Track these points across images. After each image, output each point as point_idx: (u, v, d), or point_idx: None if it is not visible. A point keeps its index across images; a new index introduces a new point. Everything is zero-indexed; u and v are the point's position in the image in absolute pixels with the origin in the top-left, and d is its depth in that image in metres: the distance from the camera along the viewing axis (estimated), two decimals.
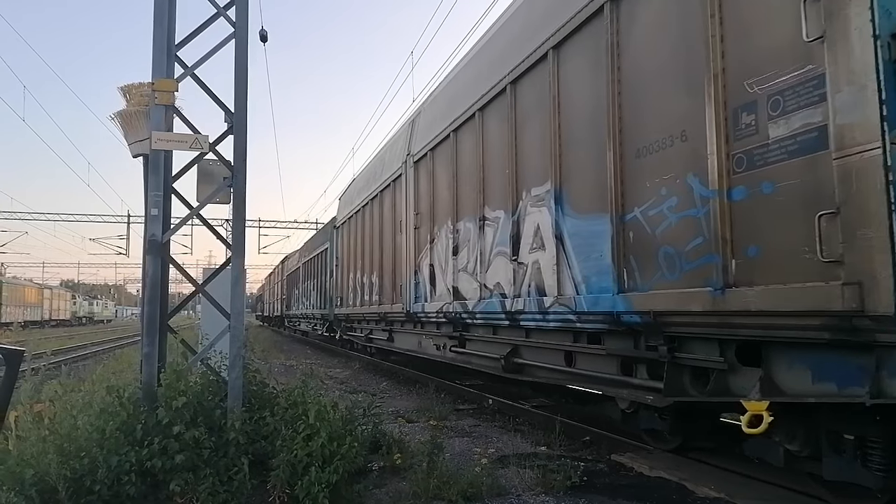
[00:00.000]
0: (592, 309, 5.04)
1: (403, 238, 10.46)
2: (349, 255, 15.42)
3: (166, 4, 4.73)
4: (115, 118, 5.36)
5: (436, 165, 9.07)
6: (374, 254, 12.65)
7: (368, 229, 13.33)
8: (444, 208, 8.60)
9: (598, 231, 5.00)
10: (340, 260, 16.86)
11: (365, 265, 13.55)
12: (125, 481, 3.74)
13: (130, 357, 13.18)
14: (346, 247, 16.01)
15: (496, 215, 6.92)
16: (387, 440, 5.47)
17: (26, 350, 4.34)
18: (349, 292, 15.27)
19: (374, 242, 12.70)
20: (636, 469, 5.04)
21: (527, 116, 6.31)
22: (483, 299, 7.12)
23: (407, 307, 10.13)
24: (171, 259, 4.93)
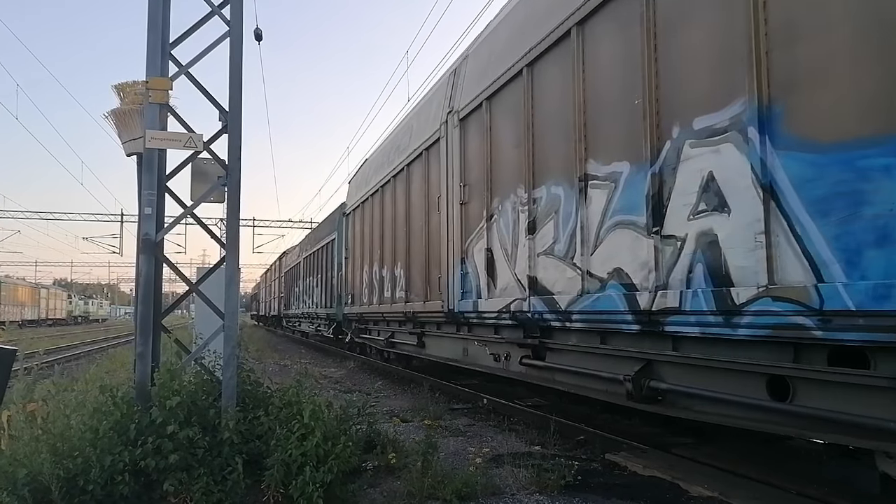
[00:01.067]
0: (874, 307, 2.99)
1: (443, 219, 8.51)
2: (362, 245, 13.53)
3: (160, 3, 4.72)
4: (109, 117, 5.35)
5: (494, 118, 7.15)
6: (399, 242, 10.81)
7: (390, 213, 11.41)
8: (510, 172, 6.66)
9: (885, 167, 2.99)
10: (351, 251, 14.83)
11: (384, 256, 11.66)
12: (119, 481, 3.73)
13: (124, 356, 13.15)
14: (358, 236, 14.03)
15: (612, 170, 4.93)
16: (381, 440, 5.47)
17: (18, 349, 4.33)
18: (363, 288, 13.40)
19: (398, 228, 10.83)
20: (630, 468, 5.06)
21: (684, 5, 4.29)
22: (586, 293, 5.18)
23: (449, 305, 8.18)
24: (164, 258, 4.91)
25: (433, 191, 9.07)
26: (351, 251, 14.91)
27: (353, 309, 14.37)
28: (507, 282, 6.70)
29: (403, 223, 10.50)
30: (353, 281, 14.55)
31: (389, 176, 11.37)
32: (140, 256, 4.64)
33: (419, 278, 9.59)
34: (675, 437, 5.97)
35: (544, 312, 5.87)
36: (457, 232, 8.05)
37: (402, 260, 10.52)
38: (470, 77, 7.95)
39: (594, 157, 5.22)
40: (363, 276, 13.39)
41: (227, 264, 4.84)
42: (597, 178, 5.18)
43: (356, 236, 14.30)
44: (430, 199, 9.16)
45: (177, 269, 5.25)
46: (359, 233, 14.00)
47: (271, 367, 13.28)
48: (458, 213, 8.04)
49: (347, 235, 15.36)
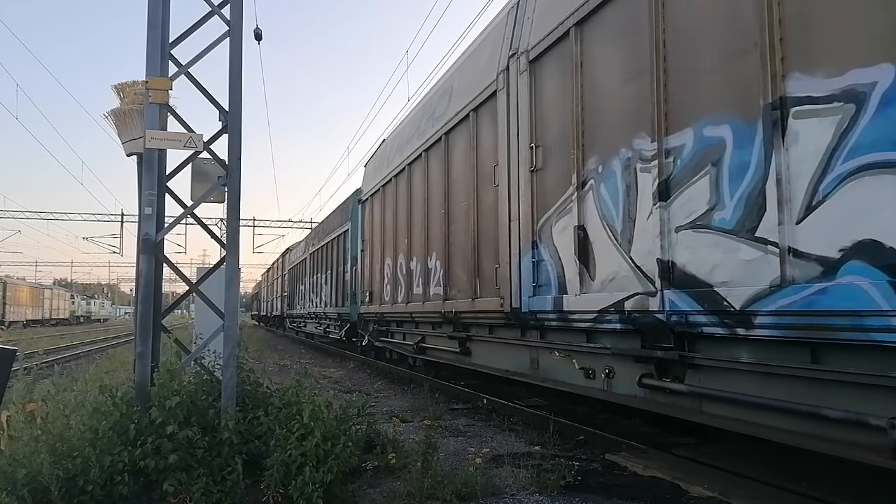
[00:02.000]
0: None
1: (501, 193, 6.79)
2: (383, 234, 11.75)
3: (160, 3, 4.72)
4: (109, 116, 5.35)
5: (589, 48, 5.44)
6: (434, 228, 9.11)
7: (420, 194, 9.63)
8: (619, 119, 5.01)
9: None
10: (368, 243, 13.02)
11: (413, 246, 9.95)
12: (118, 481, 3.73)
13: (124, 356, 13.15)
14: (377, 225, 12.22)
15: (851, 83, 3.20)
16: (381, 440, 5.46)
17: (18, 349, 4.33)
18: (383, 285, 11.64)
19: (433, 211, 9.15)
20: (630, 468, 5.05)
21: None
22: (789, 283, 3.46)
23: (511, 303, 6.47)
24: (164, 258, 4.91)
25: (485, 160, 7.35)
26: (368, 242, 13.01)
27: (372, 308, 12.47)
28: (615, 270, 4.97)
29: (440, 205, 8.76)
30: (370, 276, 12.66)
31: (419, 151, 9.58)
32: (140, 256, 4.64)
33: (463, 271, 7.99)
34: (676, 438, 5.97)
35: (691, 313, 4.14)
36: (525, 208, 6.25)
37: (439, 249, 8.80)
38: (545, 3, 6.21)
39: (804, 68, 3.45)
40: (384, 271, 11.65)
41: (227, 264, 4.83)
42: (811, 100, 3.40)
43: (375, 225, 12.42)
44: (482, 170, 7.47)
45: (177, 269, 5.24)
46: (378, 221, 12.13)
47: (271, 367, 13.28)
48: (526, 184, 6.25)
49: (364, 225, 13.47)
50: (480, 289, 7.49)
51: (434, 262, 9.08)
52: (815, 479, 4.46)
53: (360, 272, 13.69)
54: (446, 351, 9.08)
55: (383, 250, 11.78)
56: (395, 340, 11.85)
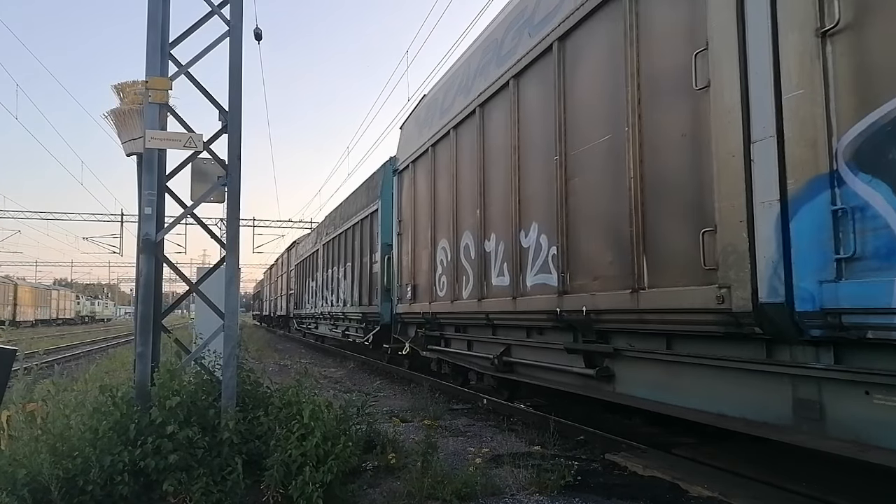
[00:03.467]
0: None
1: (726, 97, 3.99)
2: (433, 209, 9.27)
3: (160, 3, 4.71)
4: (109, 116, 5.36)
5: None
6: (534, 186, 6.49)
7: (502, 142, 7.12)
8: None
9: None
10: (409, 224, 10.49)
11: (490, 218, 7.42)
12: (118, 481, 3.73)
13: (124, 356, 13.16)
14: (424, 198, 9.75)
15: None
16: (381, 440, 5.47)
17: (18, 349, 4.33)
18: (434, 276, 9.15)
19: (531, 162, 6.55)
20: (630, 468, 5.05)
21: None
22: None
23: (759, 294, 3.73)
24: (165, 258, 4.91)
25: (663, 52, 4.65)
26: (409, 223, 10.41)
27: (417, 307, 9.86)
28: None
29: (546, 151, 6.14)
30: (413, 266, 10.20)
31: (500, 81, 7.09)
32: (140, 256, 4.64)
33: (605, 247, 5.29)
34: (676, 438, 5.97)
35: None
36: (805, 111, 3.48)
37: (545, 219, 6.14)
38: None
39: None
40: (436, 258, 9.14)
41: (227, 264, 4.83)
42: None
43: (420, 199, 9.99)
44: (652, 74, 4.76)
45: (177, 269, 5.24)
46: (425, 193, 9.67)
47: (271, 366, 13.28)
48: (810, 62, 3.47)
49: (401, 201, 11.00)
50: (649, 273, 4.71)
51: (534, 239, 6.32)
52: (815, 480, 4.47)
53: (397, 262, 11.07)
54: (559, 371, 6.25)
55: (434, 230, 9.19)
56: (457, 351, 8.96)
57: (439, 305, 9.00)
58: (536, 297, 6.32)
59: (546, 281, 6.16)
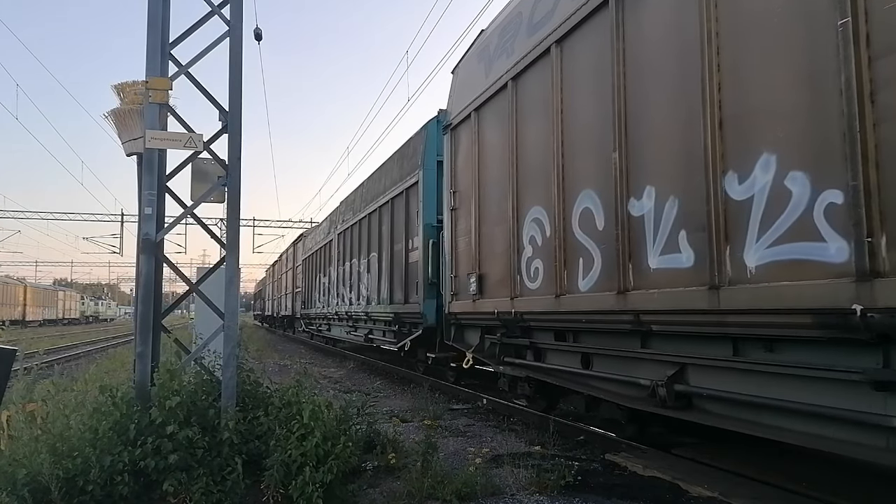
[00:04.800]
0: None
1: None
2: (515, 169, 6.71)
3: (160, 3, 4.72)
4: (109, 116, 5.36)
5: None
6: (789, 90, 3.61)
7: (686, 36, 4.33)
8: None
9: None
10: (469, 194, 7.83)
11: (642, 162, 4.80)
12: (118, 481, 3.73)
13: (124, 356, 13.15)
14: (498, 156, 7.16)
15: None
16: (381, 440, 5.47)
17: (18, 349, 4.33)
18: (517, 261, 6.62)
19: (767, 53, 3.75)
20: (630, 468, 5.06)
21: None
22: None
23: None
24: (165, 258, 4.91)
25: None
26: (469, 193, 7.80)
27: (485, 304, 7.30)
28: None
29: None
30: (477, 250, 7.56)
31: None
32: (140, 256, 4.64)
33: None
34: (676, 438, 5.97)
35: None
36: None
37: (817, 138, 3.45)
38: None
39: None
40: (520, 235, 6.57)
41: (227, 264, 4.83)
42: None
43: (488, 158, 7.40)
44: None
45: (177, 269, 5.24)
46: (499, 147, 7.09)
47: (271, 367, 13.28)
48: None
49: (456, 166, 8.38)
50: None
51: (766, 180, 3.74)
52: (816, 480, 4.47)
53: (450, 246, 8.39)
54: None
55: (516, 197, 6.59)
56: (561, 368, 6.16)
57: (528, 302, 6.32)
58: (781, 284, 3.57)
59: (809, 254, 3.46)
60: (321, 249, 20.37)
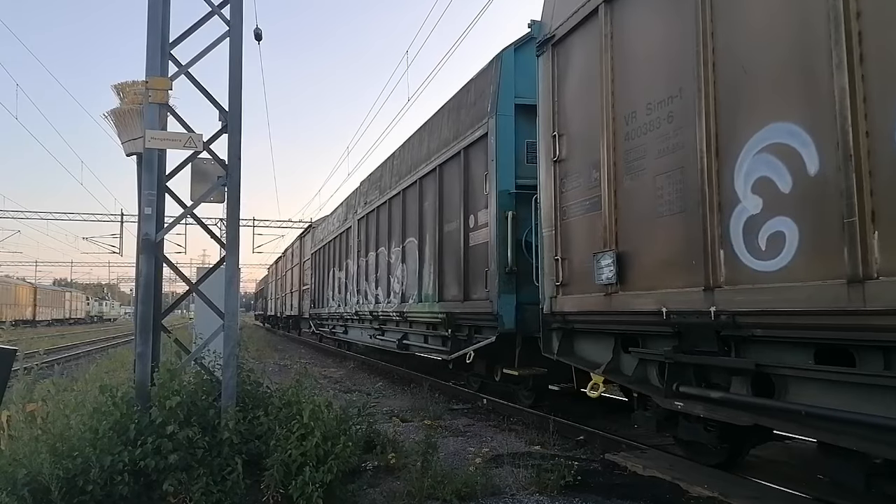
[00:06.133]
0: None
1: None
2: (702, 82, 4.17)
3: (160, 3, 4.71)
4: (109, 116, 5.36)
5: None
6: None
7: None
8: None
9: None
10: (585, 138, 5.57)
11: None
12: (118, 481, 3.73)
13: (124, 356, 13.15)
14: (658, 64, 4.68)
15: None
16: (381, 440, 5.47)
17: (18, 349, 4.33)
18: (745, 224, 3.86)
19: None
20: (630, 468, 5.06)
21: None
22: None
23: None
24: (164, 258, 4.91)
25: None
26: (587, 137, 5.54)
27: (629, 300, 4.89)
28: None
29: None
30: (605, 218, 5.16)
31: None
32: (140, 256, 4.64)
33: None
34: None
35: None
36: None
37: None
38: None
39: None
40: (717, 183, 4.08)
41: (227, 264, 4.83)
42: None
43: (628, 77, 5.06)
44: None
45: (177, 269, 5.24)
46: (662, 54, 4.67)
47: (271, 366, 13.29)
48: None
49: (562, 98, 5.96)
50: None
51: None
52: (815, 480, 4.47)
53: (552, 215, 5.96)
54: None
55: (716, 122, 4.14)
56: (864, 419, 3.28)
57: (755, 295, 3.79)
58: None
59: None
60: (335, 240, 17.83)
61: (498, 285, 7.30)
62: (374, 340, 13.51)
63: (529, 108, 6.96)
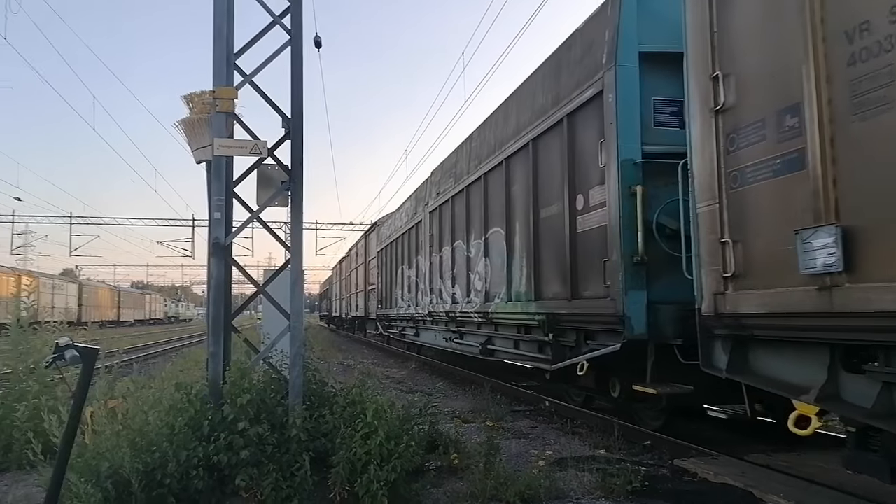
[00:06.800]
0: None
1: None
2: None
3: (225, 17, 4.88)
4: (180, 126, 5.58)
5: None
6: None
7: None
8: None
9: None
10: (773, 70, 3.98)
11: None
12: (193, 475, 3.88)
13: (197, 355, 13.70)
14: None
15: None
16: (443, 440, 5.48)
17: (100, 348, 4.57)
18: None
19: None
20: (700, 474, 4.89)
21: None
22: None
23: None
24: (233, 261, 5.08)
25: None
26: (773, 72, 4.00)
27: (871, 296, 3.24)
28: None
29: None
30: (817, 180, 3.60)
31: None
32: (211, 260, 4.82)
33: None
34: (748, 444, 5.74)
35: None
36: None
37: None
38: None
39: None
40: None
41: (291, 266, 4.96)
42: None
43: None
44: None
45: (245, 271, 5.41)
46: None
47: (335, 366, 13.54)
48: None
49: (727, 28, 4.45)
50: None
51: None
52: None
53: (711, 185, 4.55)
54: None
55: None
56: None
57: None
58: None
59: None
60: (404, 236, 16.57)
61: (623, 279, 5.76)
62: (451, 345, 12.16)
63: (656, 58, 5.85)
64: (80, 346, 3.36)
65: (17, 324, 5.74)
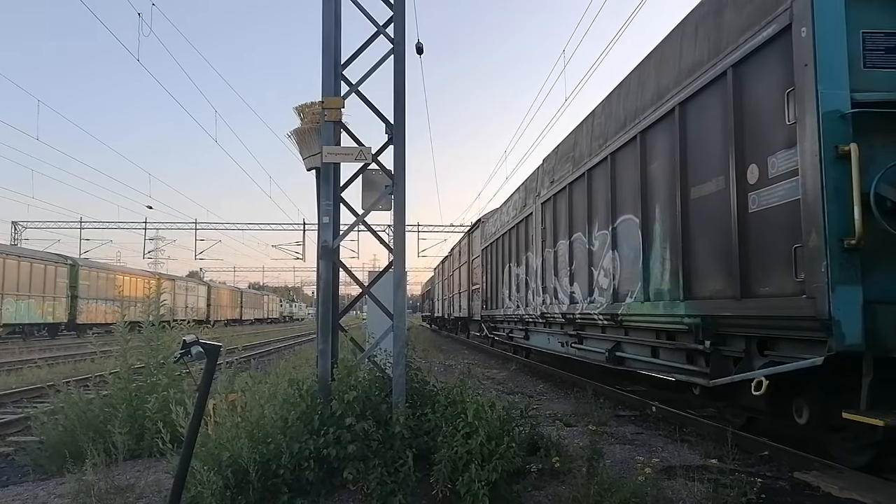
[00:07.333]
0: None
1: None
2: None
3: (332, 31, 5.12)
4: (292, 136, 5.88)
5: None
6: None
7: None
8: None
9: None
10: None
11: None
12: (305, 467, 4.09)
13: (307, 353, 14.40)
14: None
15: None
16: (545, 442, 5.43)
17: (222, 345, 4.91)
18: None
19: None
20: (823, 489, 4.54)
21: None
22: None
23: None
24: (341, 263, 5.30)
25: None
26: None
27: None
28: None
29: None
30: None
31: None
32: (320, 262, 5.06)
33: None
34: (879, 460, 5.23)
35: None
36: None
37: None
38: None
39: None
40: None
41: (394, 268, 5.10)
42: None
43: None
44: None
45: (351, 272, 5.63)
46: None
47: (436, 366, 13.75)
48: None
49: None
50: None
51: None
52: None
53: None
54: None
55: None
56: None
57: None
58: None
59: None
60: (511, 231, 15.28)
61: (828, 271, 4.31)
62: (569, 350, 10.83)
63: None
64: (205, 342, 3.63)
65: (149, 322, 6.26)
